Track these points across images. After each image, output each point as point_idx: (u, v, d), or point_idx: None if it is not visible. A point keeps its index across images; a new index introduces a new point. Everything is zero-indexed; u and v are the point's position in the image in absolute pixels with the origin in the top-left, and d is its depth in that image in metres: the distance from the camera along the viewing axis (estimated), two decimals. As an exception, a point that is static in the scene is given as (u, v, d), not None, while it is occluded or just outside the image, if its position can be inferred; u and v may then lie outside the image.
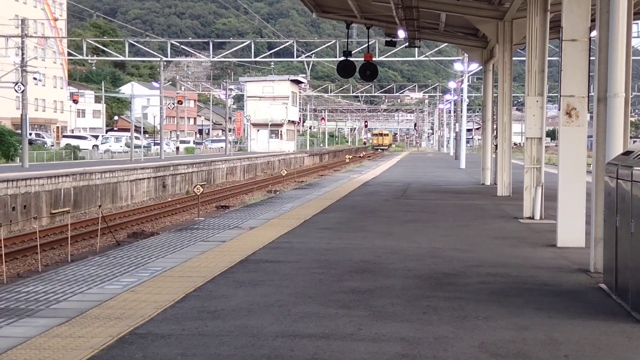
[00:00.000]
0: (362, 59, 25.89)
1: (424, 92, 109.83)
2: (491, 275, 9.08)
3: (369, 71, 24.92)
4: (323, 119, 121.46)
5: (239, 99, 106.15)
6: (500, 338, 6.26)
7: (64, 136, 74.90)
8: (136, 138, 54.68)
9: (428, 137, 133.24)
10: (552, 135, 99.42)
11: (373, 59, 27.30)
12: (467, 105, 54.51)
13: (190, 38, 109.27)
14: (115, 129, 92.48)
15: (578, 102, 11.18)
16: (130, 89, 78.48)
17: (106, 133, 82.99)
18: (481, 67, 29.57)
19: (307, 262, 9.89)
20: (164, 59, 54.10)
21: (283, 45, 51.96)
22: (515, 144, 72.19)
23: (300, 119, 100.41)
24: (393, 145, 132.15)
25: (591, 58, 10.90)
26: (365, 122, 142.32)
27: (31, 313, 7.00)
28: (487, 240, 12.26)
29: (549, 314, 7.09)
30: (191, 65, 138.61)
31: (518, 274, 9.13)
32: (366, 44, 28.36)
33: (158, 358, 5.66)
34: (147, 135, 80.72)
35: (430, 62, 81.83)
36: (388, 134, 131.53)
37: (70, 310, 7.11)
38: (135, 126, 53.47)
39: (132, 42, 50.49)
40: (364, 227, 13.76)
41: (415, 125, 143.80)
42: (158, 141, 59.49)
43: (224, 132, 76.39)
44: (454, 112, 67.64)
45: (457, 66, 45.34)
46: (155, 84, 77.70)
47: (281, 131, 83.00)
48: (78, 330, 6.41)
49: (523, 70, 18.54)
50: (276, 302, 7.49)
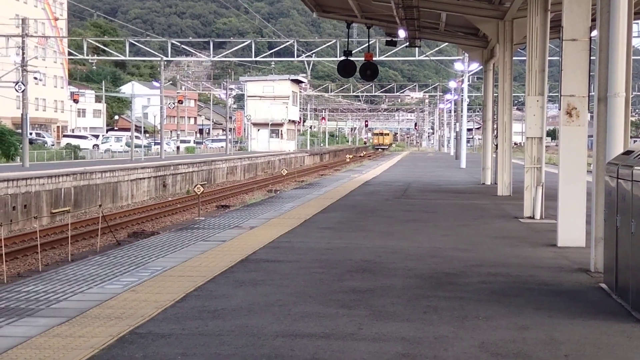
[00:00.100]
0: (363, 59, 25.89)
1: (425, 92, 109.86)
2: (491, 275, 9.08)
3: (370, 71, 24.92)
4: (323, 119, 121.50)
5: (240, 99, 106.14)
6: (500, 338, 6.25)
7: (65, 136, 74.91)
8: (136, 137, 54.66)
9: (428, 137, 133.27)
10: (553, 134, 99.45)
11: (373, 59, 27.28)
12: (468, 104, 54.53)
13: (190, 38, 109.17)
14: (115, 129, 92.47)
15: (578, 102, 11.18)
16: (130, 89, 78.37)
17: (106, 133, 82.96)
18: (481, 67, 29.57)
19: (308, 262, 9.89)
20: (165, 59, 54.09)
21: (283, 44, 51.96)
22: (515, 144, 72.16)
23: (300, 119, 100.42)
24: (393, 144, 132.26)
25: (592, 58, 10.90)
26: (365, 122, 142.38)
27: (31, 313, 7.00)
28: (488, 239, 12.25)
29: (550, 314, 7.09)
30: (192, 64, 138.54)
31: (518, 274, 9.13)
32: (366, 44, 28.37)
33: (158, 358, 5.66)
34: (148, 134, 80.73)
35: (430, 62, 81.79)
36: (389, 134, 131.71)
37: (70, 309, 7.11)
38: (135, 126, 53.46)
39: (133, 42, 50.47)
40: (365, 227, 13.75)
41: (415, 125, 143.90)
42: (158, 141, 59.50)
43: (225, 132, 76.38)
44: (455, 112, 67.63)
45: (458, 66, 45.35)
46: (155, 84, 77.77)
47: (281, 131, 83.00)
48: (78, 329, 6.41)
49: (523, 69, 18.55)
50: (276, 302, 7.49)
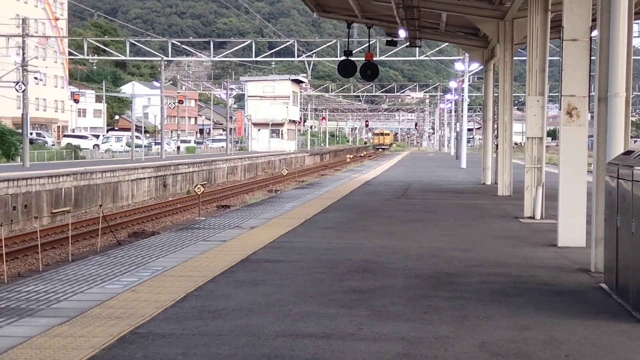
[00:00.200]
0: (363, 59, 25.88)
1: (425, 92, 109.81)
2: (492, 274, 9.08)
3: (370, 71, 24.91)
4: (324, 119, 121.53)
5: (240, 99, 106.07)
6: (501, 338, 6.25)
7: (65, 135, 74.92)
8: (137, 137, 54.65)
9: (429, 137, 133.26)
10: (553, 134, 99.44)
11: (374, 59, 27.29)
12: (468, 104, 54.55)
13: (191, 38, 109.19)
14: (116, 129, 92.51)
15: (579, 102, 11.17)
16: (131, 89, 78.24)
17: (107, 132, 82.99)
18: (482, 67, 29.58)
19: (308, 262, 9.89)
20: (165, 59, 54.08)
21: (284, 44, 51.95)
22: (516, 144, 72.15)
23: (301, 119, 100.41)
24: (394, 144, 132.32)
25: (592, 58, 10.90)
26: (366, 122, 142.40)
27: (32, 312, 7.00)
28: (488, 239, 12.25)
29: (550, 314, 7.09)
30: (192, 64, 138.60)
31: (519, 274, 9.13)
32: (367, 44, 28.36)
33: (159, 357, 5.66)
34: (148, 134, 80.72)
35: (431, 62, 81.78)
36: (389, 134, 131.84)
37: (70, 309, 7.11)
38: (136, 126, 53.43)
39: (133, 42, 50.46)
40: (365, 227, 13.75)
41: (416, 124, 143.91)
42: (159, 141, 59.50)
43: (225, 132, 76.37)
44: (455, 112, 67.64)
45: (458, 66, 45.34)
46: (156, 84, 77.74)
47: (282, 131, 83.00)
48: (79, 329, 6.41)
49: (524, 69, 18.55)
50: (277, 302, 7.49)
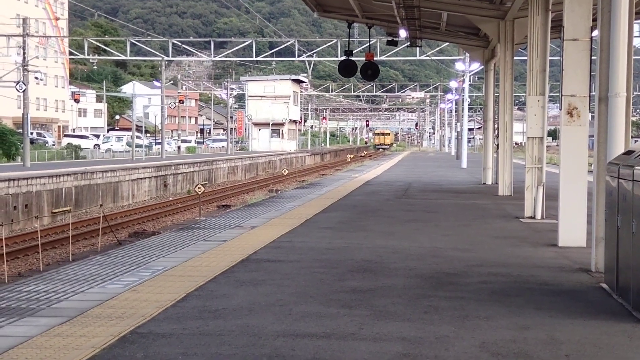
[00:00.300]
0: (364, 59, 25.89)
1: (425, 92, 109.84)
2: (492, 274, 9.08)
3: (370, 71, 24.91)
4: (324, 119, 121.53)
5: (241, 99, 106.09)
6: (501, 338, 6.25)
7: (65, 135, 74.94)
8: (137, 137, 54.66)
9: (429, 137, 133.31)
10: (554, 134, 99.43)
11: (374, 59, 27.31)
12: (469, 104, 54.53)
13: (191, 37, 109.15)
14: (116, 129, 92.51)
15: (579, 102, 11.17)
16: (131, 89, 78.28)
17: (107, 132, 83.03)
18: (482, 67, 29.59)
19: (309, 262, 9.89)
20: (166, 59, 54.04)
21: (284, 44, 51.95)
22: (516, 144, 72.16)
23: (301, 119, 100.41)
24: (394, 144, 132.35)
25: (592, 58, 10.90)
26: (366, 122, 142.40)
27: (32, 312, 7.00)
28: (488, 239, 12.25)
29: (550, 314, 7.09)
30: (192, 64, 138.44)
31: (519, 274, 9.13)
32: (367, 44, 28.40)
33: (159, 357, 5.66)
34: (149, 134, 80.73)
35: (431, 62, 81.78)
36: (390, 134, 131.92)
37: (71, 309, 7.11)
38: (136, 125, 53.45)
39: (134, 42, 50.45)
40: (365, 227, 13.75)
41: (416, 124, 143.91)
42: (159, 140, 59.50)
43: (225, 132, 76.38)
44: (455, 112, 67.63)
45: (459, 66, 45.32)
46: (156, 84, 77.74)
47: (282, 130, 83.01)
48: (79, 329, 6.41)
49: (524, 69, 18.53)
50: (277, 302, 7.48)
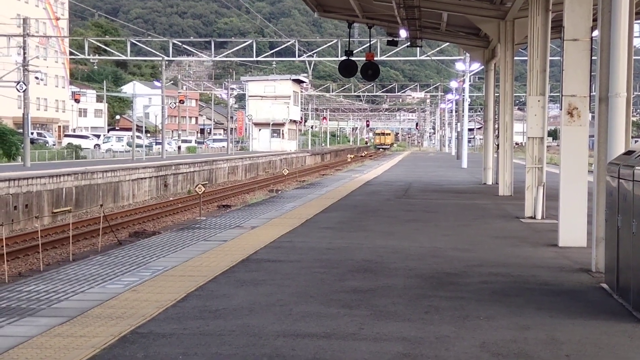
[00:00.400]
0: (364, 59, 25.89)
1: (426, 92, 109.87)
2: (492, 274, 9.08)
3: (371, 71, 24.92)
4: (325, 119, 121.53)
5: (241, 99, 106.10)
6: (501, 338, 6.25)
7: (66, 135, 74.94)
8: (138, 137, 54.70)
9: (430, 137, 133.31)
10: (554, 134, 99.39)
11: (375, 59, 27.31)
12: (469, 104, 54.51)
13: (192, 37, 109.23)
14: (117, 129, 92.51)
15: (580, 102, 11.17)
16: (132, 89, 78.39)
17: (108, 132, 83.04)
18: (483, 67, 29.58)
19: (309, 262, 9.89)
20: (166, 59, 54.06)
21: (285, 44, 51.97)
22: (516, 144, 72.13)
23: (301, 119, 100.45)
24: (395, 144, 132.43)
25: (593, 58, 10.89)
26: (367, 122, 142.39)
27: (32, 312, 7.00)
28: (489, 239, 12.25)
29: (551, 314, 7.09)
30: (193, 64, 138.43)
31: (519, 274, 9.13)
32: (368, 44, 28.42)
33: (159, 357, 5.66)
34: (149, 134, 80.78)
35: (431, 62, 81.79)
36: (390, 134, 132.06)
37: (71, 309, 7.11)
38: (137, 125, 53.50)
39: (134, 42, 50.47)
40: (366, 227, 13.75)
41: (416, 124, 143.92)
42: (160, 140, 59.52)
43: (226, 132, 76.39)
44: (456, 112, 67.60)
45: (459, 66, 45.32)
46: (157, 84, 77.76)
47: (283, 130, 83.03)
48: (79, 329, 6.41)
49: (525, 69, 18.53)
50: (277, 302, 7.48)
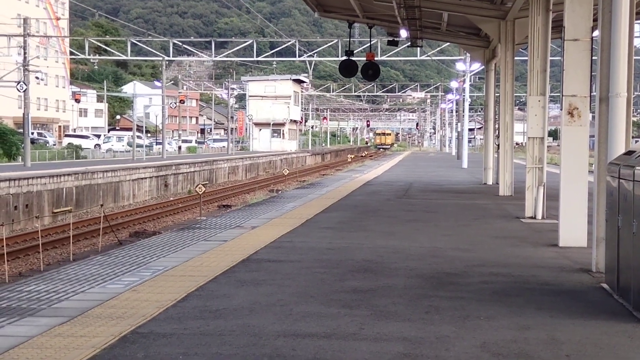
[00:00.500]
0: (364, 59, 25.90)
1: (426, 92, 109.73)
2: (493, 274, 9.08)
3: (371, 71, 24.92)
4: (325, 119, 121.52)
5: (241, 99, 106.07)
6: (502, 338, 6.25)
7: (66, 135, 74.95)
8: (138, 137, 54.71)
9: (430, 137, 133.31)
10: (554, 134, 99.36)
11: (375, 59, 27.32)
12: (469, 104, 54.50)
13: (192, 37, 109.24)
14: (117, 128, 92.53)
15: (580, 102, 11.17)
16: (132, 89, 78.36)
17: (108, 132, 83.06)
18: (483, 67, 29.58)
19: (309, 262, 9.89)
20: (166, 59, 54.08)
21: (285, 44, 51.98)
22: (517, 144, 72.11)
23: (302, 119, 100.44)
24: (395, 144, 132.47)
25: (593, 58, 10.89)
26: (367, 122, 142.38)
27: (33, 312, 7.00)
28: (489, 239, 12.25)
29: (551, 314, 7.09)
30: (193, 64, 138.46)
31: (520, 274, 9.13)
32: (368, 44, 28.43)
33: (160, 357, 5.66)
34: (149, 134, 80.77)
35: (432, 62, 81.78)
36: (390, 134, 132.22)
37: (72, 309, 7.11)
38: (137, 125, 53.52)
39: (134, 42, 50.48)
40: (366, 227, 13.75)
41: (417, 124, 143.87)
42: (160, 140, 59.52)
43: (226, 132, 76.41)
44: (456, 112, 67.60)
45: (459, 66, 45.32)
46: (157, 83, 77.73)
47: (283, 130, 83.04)
48: (80, 329, 6.41)
49: (525, 70, 18.53)
50: (278, 302, 7.49)
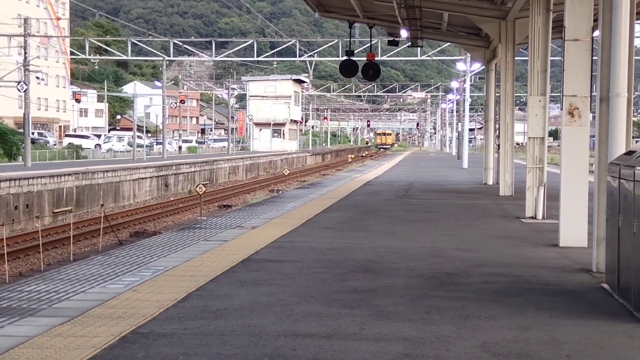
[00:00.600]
0: (365, 59, 25.90)
1: (427, 92, 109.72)
2: (493, 275, 9.08)
3: (372, 71, 24.92)
4: (325, 119, 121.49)
5: (242, 99, 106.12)
6: (502, 338, 6.25)
7: (67, 135, 74.96)
8: (138, 137, 54.72)
9: (430, 137, 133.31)
10: (555, 134, 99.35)
11: (375, 59, 27.32)
12: (470, 104, 54.49)
13: (192, 37, 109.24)
14: (117, 128, 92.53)
15: (580, 102, 11.16)
16: (132, 88, 78.43)
17: (109, 132, 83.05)
18: (484, 67, 29.59)
19: (310, 262, 9.89)
20: (167, 59, 54.04)
21: (285, 44, 51.99)
22: (517, 144, 72.10)
23: (302, 119, 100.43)
24: (396, 144, 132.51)
25: (594, 58, 10.89)
26: (367, 122, 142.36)
27: (33, 312, 7.00)
28: (489, 239, 12.25)
29: (551, 314, 7.09)
30: (194, 64, 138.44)
31: (520, 274, 9.13)
32: (369, 44, 28.42)
33: (160, 357, 5.66)
34: (150, 134, 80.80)
35: (432, 62, 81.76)
36: (391, 134, 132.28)
37: (72, 309, 7.11)
38: (137, 125, 53.53)
39: (135, 42, 50.48)
40: (366, 227, 13.75)
41: (417, 124, 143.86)
42: (160, 140, 59.52)
43: (227, 132, 76.41)
44: (457, 112, 67.59)
45: (460, 66, 45.32)
46: (157, 83, 77.72)
47: (283, 130, 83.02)
48: (80, 329, 6.41)
49: (525, 70, 18.53)
50: (278, 302, 7.48)
